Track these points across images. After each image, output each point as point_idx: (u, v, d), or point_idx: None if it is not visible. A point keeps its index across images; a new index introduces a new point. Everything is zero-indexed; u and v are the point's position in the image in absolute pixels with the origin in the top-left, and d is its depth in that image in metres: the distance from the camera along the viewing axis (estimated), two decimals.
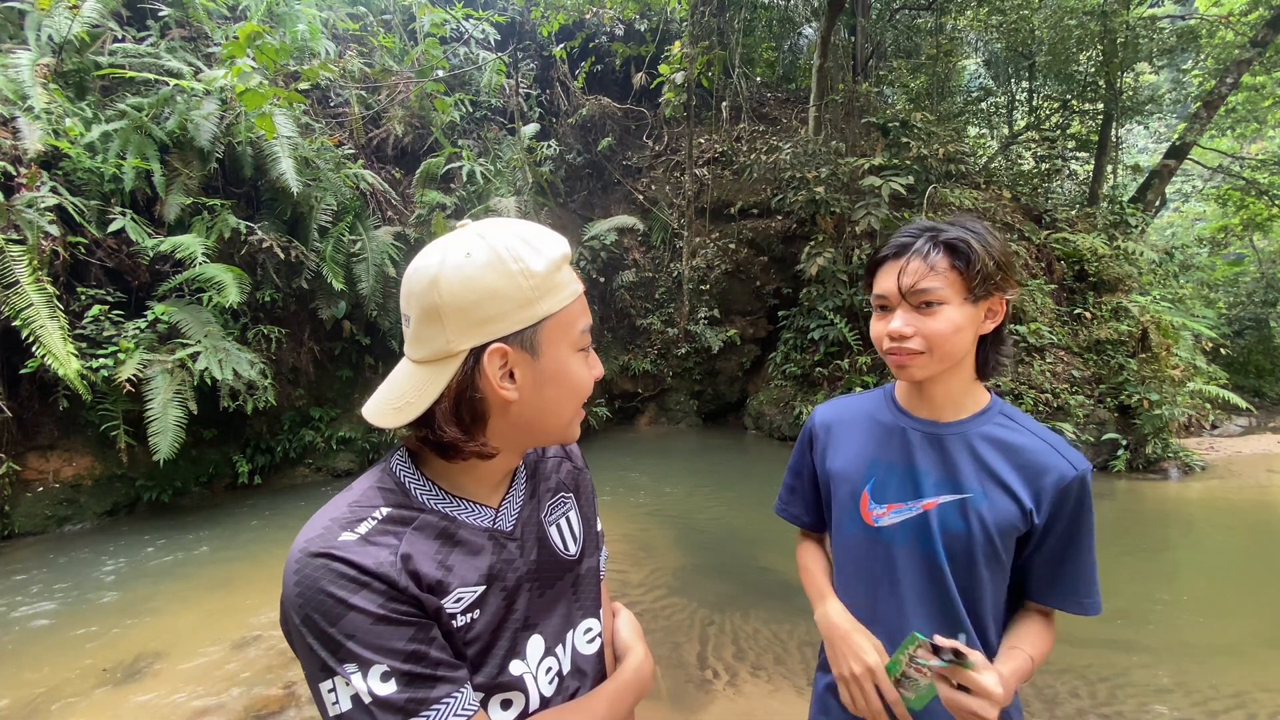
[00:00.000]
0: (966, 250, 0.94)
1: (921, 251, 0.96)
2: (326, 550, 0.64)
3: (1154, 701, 2.91)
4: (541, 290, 0.70)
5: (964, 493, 0.99)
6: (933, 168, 8.24)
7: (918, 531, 1.01)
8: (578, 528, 0.89)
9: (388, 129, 8.52)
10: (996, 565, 0.99)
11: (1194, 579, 4.61)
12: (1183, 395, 7.85)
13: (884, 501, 1.04)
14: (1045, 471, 0.97)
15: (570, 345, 0.73)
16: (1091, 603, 1.01)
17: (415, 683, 0.64)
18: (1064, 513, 0.97)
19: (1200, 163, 13.67)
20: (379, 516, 0.69)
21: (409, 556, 0.68)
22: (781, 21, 12.50)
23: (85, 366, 4.96)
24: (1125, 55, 9.69)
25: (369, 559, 0.65)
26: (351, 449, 7.40)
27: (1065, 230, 9.02)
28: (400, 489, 0.73)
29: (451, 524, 0.73)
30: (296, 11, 7.07)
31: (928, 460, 1.02)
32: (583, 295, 0.76)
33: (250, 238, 6.07)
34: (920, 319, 0.96)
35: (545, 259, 0.70)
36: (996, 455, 1.00)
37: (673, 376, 10.09)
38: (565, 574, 0.84)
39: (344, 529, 0.66)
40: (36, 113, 5.21)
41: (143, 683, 3.18)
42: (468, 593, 0.72)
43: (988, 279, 0.95)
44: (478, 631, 0.72)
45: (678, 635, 3.53)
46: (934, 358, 0.97)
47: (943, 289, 0.94)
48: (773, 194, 9.10)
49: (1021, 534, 0.98)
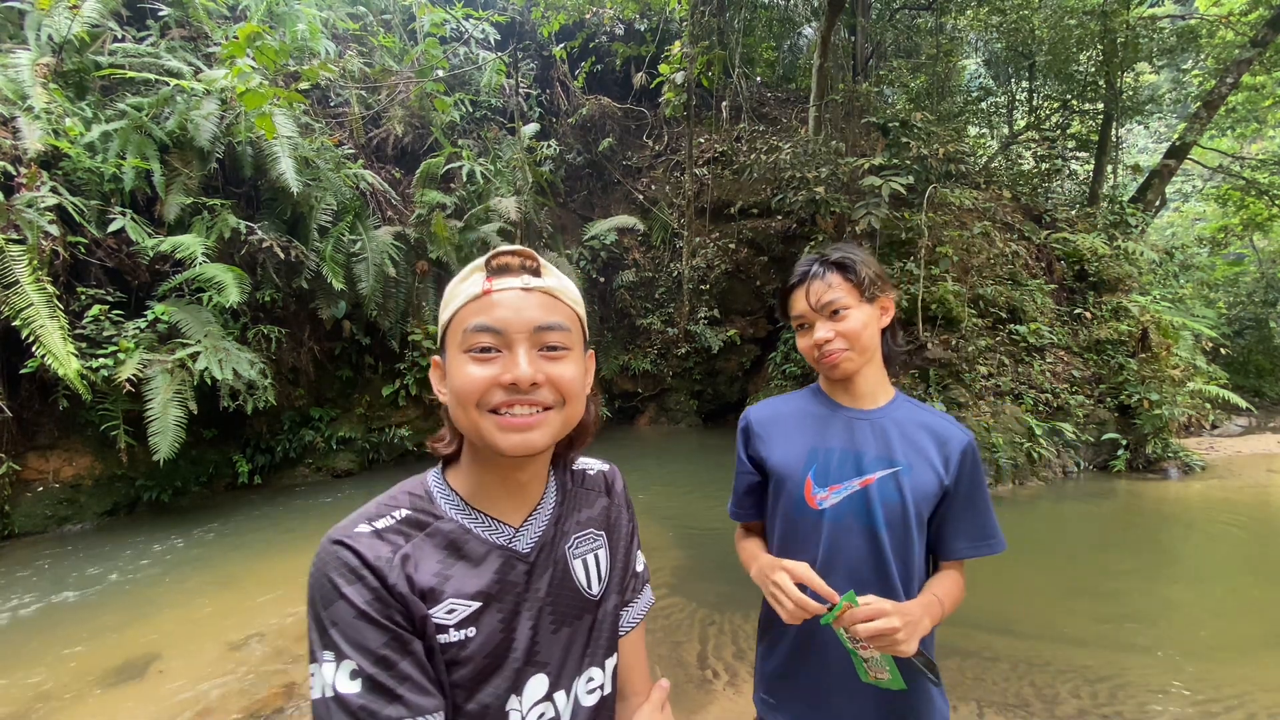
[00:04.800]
0: (851, 264, 1.18)
1: (819, 275, 1.18)
2: (342, 538, 0.69)
3: (1154, 701, 2.91)
4: (445, 302, 0.76)
5: (896, 466, 1.16)
6: (933, 168, 8.23)
7: (860, 506, 1.16)
8: (605, 567, 0.86)
9: (388, 129, 8.52)
10: (920, 528, 1.17)
11: (1194, 579, 4.61)
12: (1183, 395, 7.85)
13: (826, 484, 1.18)
14: (949, 440, 1.19)
15: (457, 346, 0.73)
16: (996, 542, 1.20)
17: (376, 691, 0.64)
18: (965, 473, 1.17)
19: (1200, 163, 13.67)
20: (398, 516, 0.74)
21: (410, 559, 0.70)
22: (781, 21, 12.50)
23: (85, 366, 4.96)
24: (1125, 55, 9.69)
25: (370, 551, 0.68)
26: (351, 449, 7.40)
27: (1065, 230, 9.02)
28: (427, 496, 0.77)
29: (463, 535, 0.75)
30: (296, 11, 7.07)
31: (866, 441, 1.19)
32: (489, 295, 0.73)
33: (250, 238, 6.07)
34: (835, 324, 1.17)
35: (461, 274, 0.76)
36: (915, 432, 1.20)
37: (673, 376, 10.09)
38: (584, 613, 0.82)
39: (365, 521, 0.72)
40: (36, 113, 5.21)
41: (142, 683, 3.18)
42: (461, 605, 0.71)
43: (873, 283, 1.19)
44: (471, 652, 0.71)
45: (678, 635, 3.53)
46: (856, 350, 1.17)
47: (844, 297, 1.17)
48: (773, 194, 9.09)
49: (937, 497, 1.17)
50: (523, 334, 0.72)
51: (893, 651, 0.99)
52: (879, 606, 0.99)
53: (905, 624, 0.99)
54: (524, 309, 0.72)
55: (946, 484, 1.16)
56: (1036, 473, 6.73)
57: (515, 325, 0.72)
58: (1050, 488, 6.61)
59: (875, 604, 1.00)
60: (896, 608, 1.00)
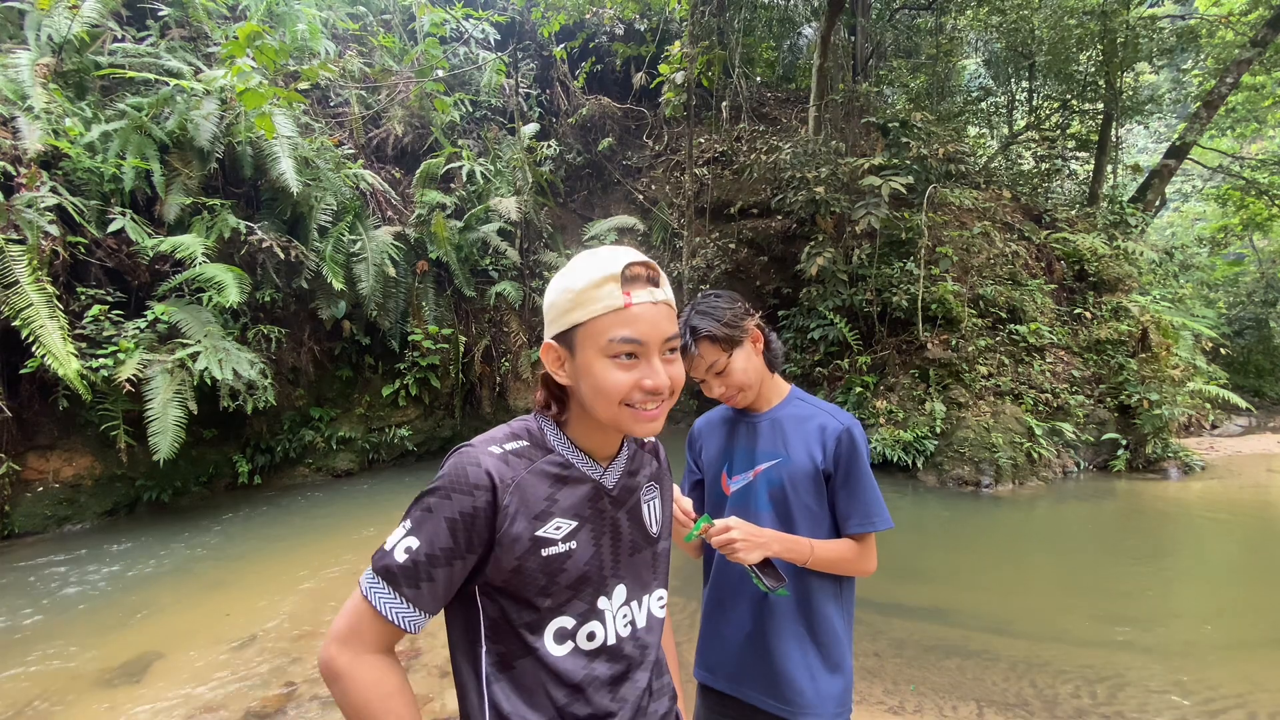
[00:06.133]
0: (708, 331, 1.36)
1: (689, 349, 1.37)
2: (473, 452, 0.85)
3: (1154, 701, 2.91)
4: (575, 303, 0.86)
5: (778, 457, 1.40)
6: (933, 168, 8.24)
7: (750, 491, 1.42)
8: (660, 514, 1.05)
9: (388, 129, 8.52)
10: (804, 507, 1.37)
11: (1193, 579, 4.61)
12: (1182, 395, 7.85)
13: (732, 475, 1.45)
14: (825, 429, 1.38)
15: (598, 350, 0.85)
16: (880, 520, 1.36)
17: (407, 572, 0.80)
18: (842, 456, 1.36)
19: (1200, 163, 13.67)
20: (520, 445, 0.90)
21: (525, 484, 0.86)
22: (781, 21, 12.50)
23: (85, 366, 4.96)
24: (1125, 55, 9.68)
25: (495, 468, 0.84)
26: (351, 449, 7.40)
27: (1065, 230, 9.02)
28: (540, 432, 0.93)
29: (565, 468, 0.91)
30: (296, 11, 7.07)
31: (760, 439, 1.44)
32: (630, 309, 0.85)
33: (250, 238, 6.07)
34: (723, 379, 1.40)
35: (585, 278, 0.85)
36: (796, 426, 1.41)
37: None
38: (648, 547, 1.01)
39: (495, 444, 0.88)
40: (36, 113, 5.21)
41: (142, 683, 3.18)
42: (565, 523, 0.88)
43: (731, 331, 1.37)
44: (578, 560, 0.88)
45: (678, 635, 3.53)
46: (747, 388, 1.41)
47: (718, 359, 1.37)
48: (773, 194, 9.09)
49: (818, 479, 1.37)
50: (657, 344, 0.86)
51: (736, 559, 1.22)
52: (726, 523, 1.23)
53: (743, 537, 1.21)
54: (658, 322, 0.86)
55: (824, 467, 1.37)
56: (1036, 473, 6.73)
57: (653, 338, 0.86)
58: (1050, 488, 6.61)
59: (726, 522, 1.23)
60: (739, 524, 1.24)
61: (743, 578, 1.39)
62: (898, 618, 3.73)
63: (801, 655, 1.35)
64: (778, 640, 1.36)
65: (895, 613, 3.79)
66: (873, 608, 3.75)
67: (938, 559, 4.95)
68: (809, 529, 1.36)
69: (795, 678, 1.34)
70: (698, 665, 1.50)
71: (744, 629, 1.40)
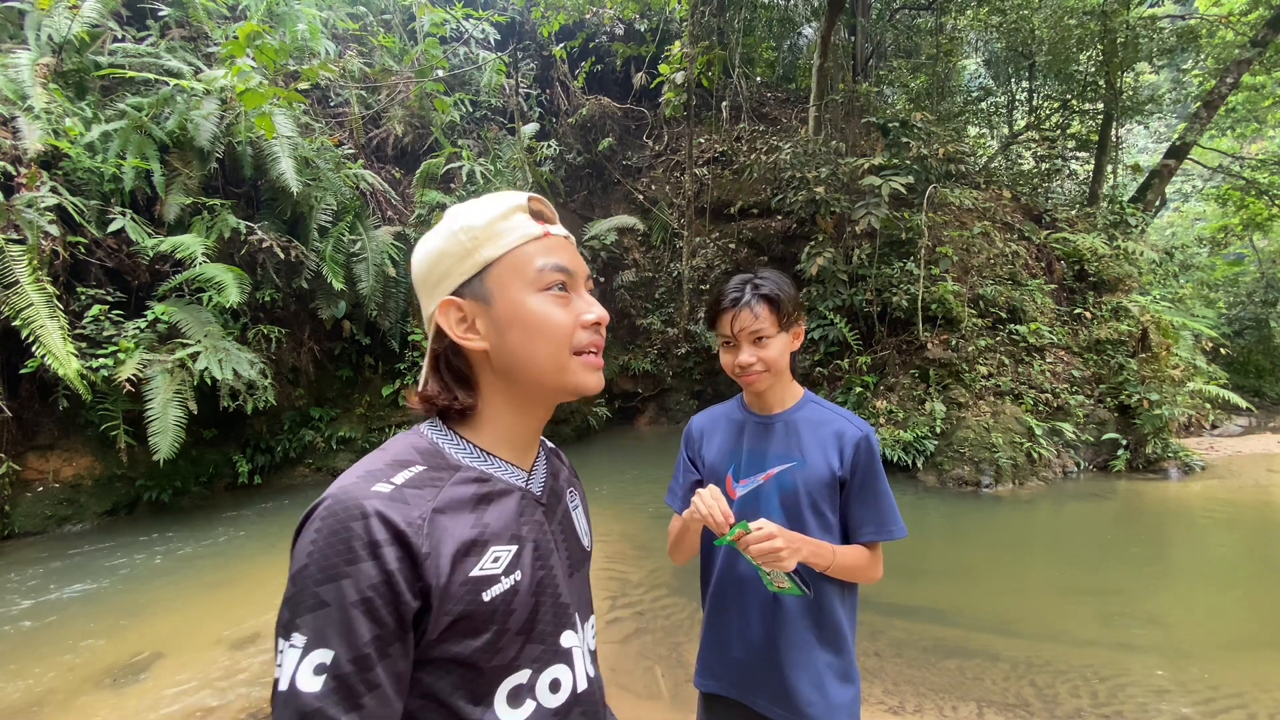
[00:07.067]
0: (778, 299, 1.31)
1: (749, 304, 1.31)
2: (351, 502, 0.61)
3: (1154, 701, 2.91)
4: (481, 239, 0.71)
5: (792, 461, 1.35)
6: (933, 168, 8.24)
7: (760, 495, 1.37)
8: (586, 523, 0.89)
9: (388, 129, 8.52)
10: (817, 513, 1.33)
11: (1193, 579, 4.61)
12: (1182, 395, 7.85)
13: (739, 478, 1.39)
14: (842, 434, 1.34)
15: (526, 285, 0.71)
16: (896, 529, 1.34)
17: (339, 694, 0.57)
18: (859, 463, 1.33)
19: (1200, 163, 13.66)
20: (415, 471, 0.67)
21: (441, 517, 0.65)
22: (781, 21, 12.50)
23: (85, 366, 4.96)
24: (1125, 55, 9.68)
25: (399, 515, 0.62)
26: (351, 449, 7.39)
27: (1065, 230, 9.01)
28: (434, 449, 0.71)
29: (484, 481, 0.71)
30: (296, 11, 7.07)
31: (771, 442, 1.39)
32: (550, 238, 0.73)
33: (250, 238, 6.07)
34: (757, 349, 1.33)
35: (487, 213, 0.72)
36: (811, 430, 1.37)
37: (673, 376, 10.09)
38: (585, 563, 0.85)
39: (379, 481, 0.64)
40: (36, 113, 5.21)
41: (142, 683, 3.18)
42: (503, 551, 0.69)
43: (791, 314, 1.34)
44: (524, 594, 0.70)
45: (678, 635, 3.53)
46: (771, 373, 1.35)
47: (768, 327, 1.32)
48: (773, 194, 9.10)
49: (833, 486, 1.33)
50: (583, 278, 0.75)
51: (777, 567, 1.17)
52: (769, 530, 1.16)
53: (787, 545, 1.16)
54: (576, 255, 0.75)
55: (840, 474, 1.33)
56: (1036, 473, 6.73)
57: (580, 269, 0.75)
58: (1050, 488, 6.61)
59: (766, 528, 1.16)
60: (781, 531, 1.17)
61: (750, 582, 1.34)
62: (898, 618, 3.73)
63: (812, 665, 1.32)
64: (788, 648, 1.32)
65: (895, 613, 3.79)
66: (873, 608, 3.75)
67: (938, 559, 4.95)
68: (818, 536, 1.32)
69: (806, 688, 1.31)
70: (700, 674, 1.45)
71: (752, 636, 1.36)
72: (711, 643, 1.44)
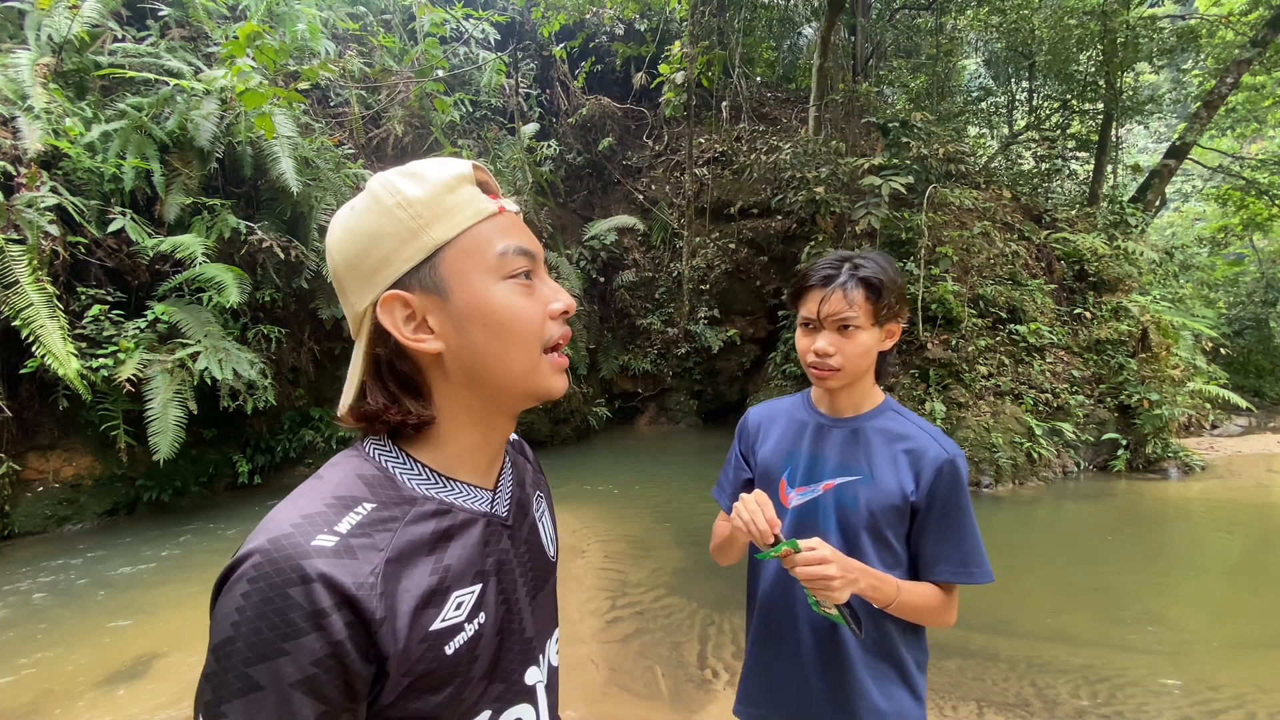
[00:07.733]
0: (879, 286, 1.13)
1: (844, 286, 1.13)
2: (288, 558, 0.51)
3: (1154, 701, 2.91)
4: (427, 218, 0.59)
5: (855, 475, 1.17)
6: (933, 167, 8.24)
7: (818, 509, 1.20)
8: (552, 530, 0.81)
9: (388, 129, 8.52)
10: (879, 539, 1.16)
11: (1193, 579, 4.61)
12: (1182, 395, 7.85)
13: (795, 486, 1.23)
14: (923, 454, 1.16)
15: (487, 272, 0.60)
16: (980, 571, 1.14)
17: None
18: (940, 490, 1.14)
19: (1200, 163, 13.66)
20: (363, 512, 0.56)
21: (396, 569, 0.55)
22: (781, 21, 12.50)
23: (85, 366, 4.96)
24: (1125, 55, 9.68)
25: (346, 575, 0.51)
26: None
27: (1065, 230, 9.01)
28: (384, 478, 0.60)
29: (444, 514, 0.61)
30: (296, 11, 7.07)
31: (831, 449, 1.21)
32: (505, 215, 0.63)
33: (250, 237, 6.07)
34: (840, 340, 1.15)
35: (428, 184, 0.60)
36: (884, 443, 1.19)
37: (673, 376, 10.09)
38: (549, 576, 0.76)
39: (321, 529, 0.53)
40: (36, 113, 5.21)
41: (142, 683, 3.17)
42: (466, 594, 0.60)
43: (891, 308, 1.16)
44: (488, 637, 0.62)
45: (678, 635, 3.53)
46: (847, 373, 1.16)
47: (859, 317, 1.13)
48: (773, 194, 9.10)
49: (902, 511, 1.15)
50: (542, 260, 0.65)
51: (825, 596, 1.01)
52: (822, 554, 1.00)
53: (840, 574, 0.99)
54: (531, 234, 0.66)
55: (914, 499, 1.15)
56: (1036, 473, 6.73)
57: (539, 251, 0.64)
58: (1050, 488, 6.61)
59: (820, 550, 1.00)
60: (836, 556, 1.01)
61: (805, 604, 1.16)
62: None
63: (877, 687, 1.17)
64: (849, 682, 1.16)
65: None
66: None
67: None
68: (878, 566, 1.14)
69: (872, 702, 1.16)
70: (741, 701, 1.28)
71: (804, 667, 1.18)
72: (756, 669, 1.27)
